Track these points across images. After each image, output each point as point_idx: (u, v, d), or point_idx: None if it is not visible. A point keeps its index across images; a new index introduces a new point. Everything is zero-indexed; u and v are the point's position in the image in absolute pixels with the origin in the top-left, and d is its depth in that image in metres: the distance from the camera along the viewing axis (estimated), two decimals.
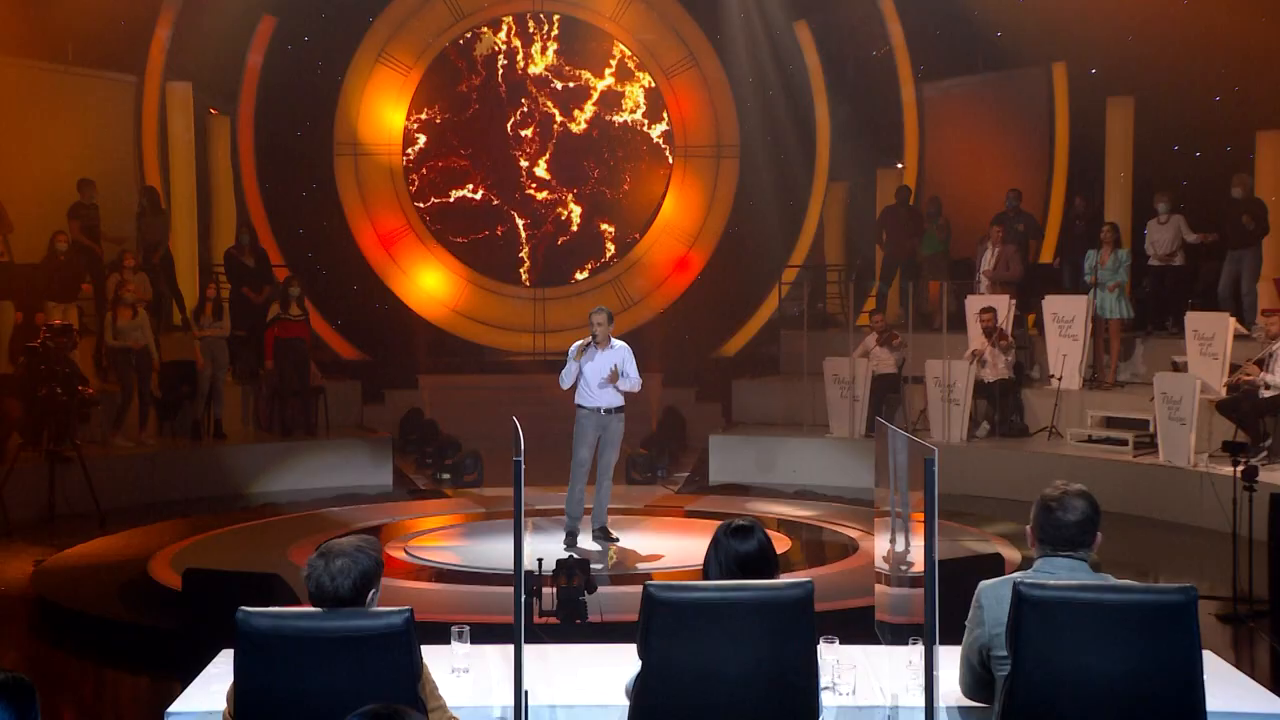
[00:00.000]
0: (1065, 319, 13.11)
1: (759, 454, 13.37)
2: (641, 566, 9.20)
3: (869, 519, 9.74)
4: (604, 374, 9.40)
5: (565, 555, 7.79)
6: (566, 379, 9.49)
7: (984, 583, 3.81)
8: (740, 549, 3.84)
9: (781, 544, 9.80)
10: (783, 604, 3.63)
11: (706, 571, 3.90)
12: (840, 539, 10.29)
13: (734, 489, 12.78)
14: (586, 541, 9.81)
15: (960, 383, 12.83)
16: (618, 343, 9.59)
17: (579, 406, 9.55)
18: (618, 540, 9.74)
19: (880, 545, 5.45)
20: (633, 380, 9.47)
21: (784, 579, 3.76)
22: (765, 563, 3.86)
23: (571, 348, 9.56)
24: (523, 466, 3.62)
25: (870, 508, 9.59)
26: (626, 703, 3.81)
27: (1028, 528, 3.80)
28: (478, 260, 17.32)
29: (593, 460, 9.55)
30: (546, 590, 6.89)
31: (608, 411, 9.50)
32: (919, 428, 13.17)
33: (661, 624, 3.59)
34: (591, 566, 7.32)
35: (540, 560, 6.11)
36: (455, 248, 17.17)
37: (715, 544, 3.90)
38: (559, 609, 6.83)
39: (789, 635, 3.62)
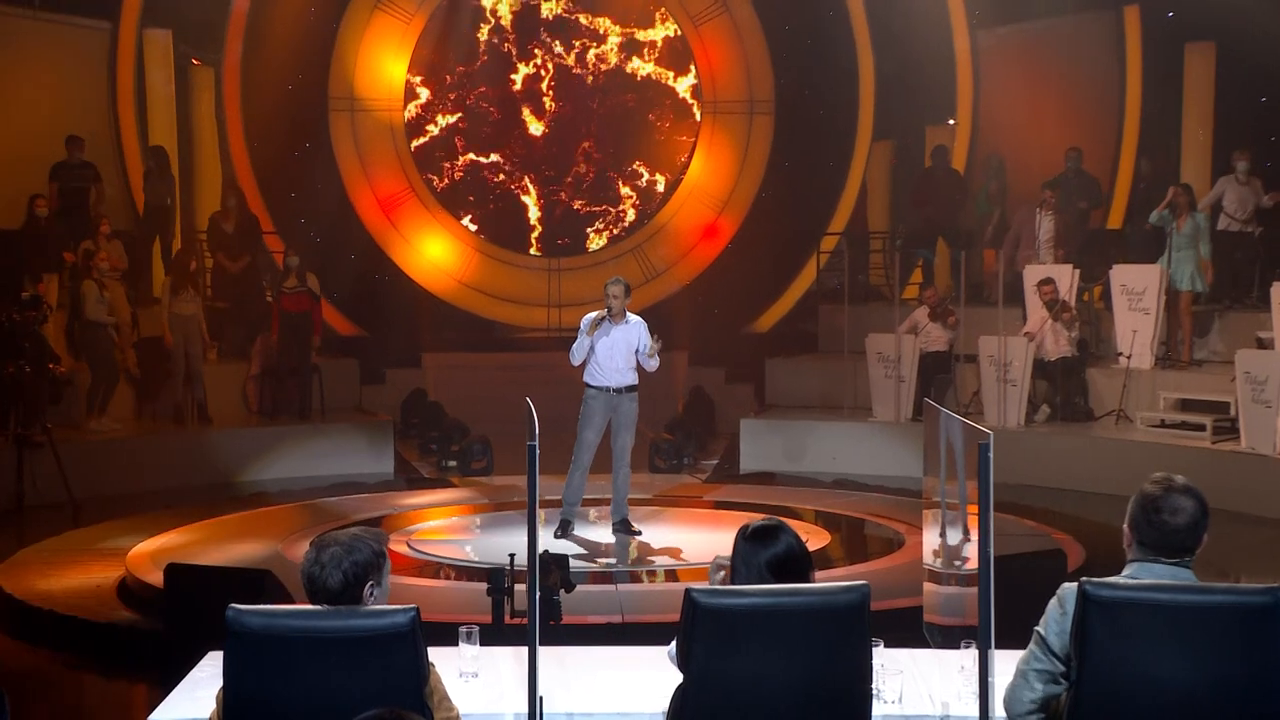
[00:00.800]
0: (1135, 291, 13.03)
1: (794, 440, 13.36)
2: (661, 563, 9.23)
3: (916, 511, 9.72)
4: (622, 352, 9.41)
5: (549, 548, 7.77)
6: (577, 355, 9.51)
7: (1067, 585, 3.70)
8: (768, 553, 3.82)
9: (819, 538, 9.80)
10: (837, 610, 3.62)
11: (734, 578, 3.88)
12: (884, 533, 10.29)
13: (767, 478, 12.79)
14: (593, 532, 9.87)
15: (1018, 361, 12.78)
16: (634, 317, 9.61)
17: (588, 385, 9.59)
18: (640, 534, 9.77)
19: (929, 540, 5.43)
20: (656, 361, 9.50)
21: (838, 581, 3.75)
22: (799, 563, 3.85)
23: (584, 320, 9.58)
24: (537, 452, 3.61)
25: (918, 499, 9.57)
26: (651, 708, 3.81)
27: (1124, 526, 3.61)
28: (487, 228, 17.31)
29: (599, 445, 9.59)
30: (520, 588, 6.90)
31: (619, 391, 9.52)
32: (972, 411, 13.13)
33: (706, 632, 3.58)
34: (573, 563, 7.31)
35: (512, 555, 6.14)
36: (462, 213, 17.18)
37: (737, 550, 3.88)
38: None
39: (843, 643, 3.61)
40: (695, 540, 9.84)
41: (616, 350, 9.47)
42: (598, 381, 9.54)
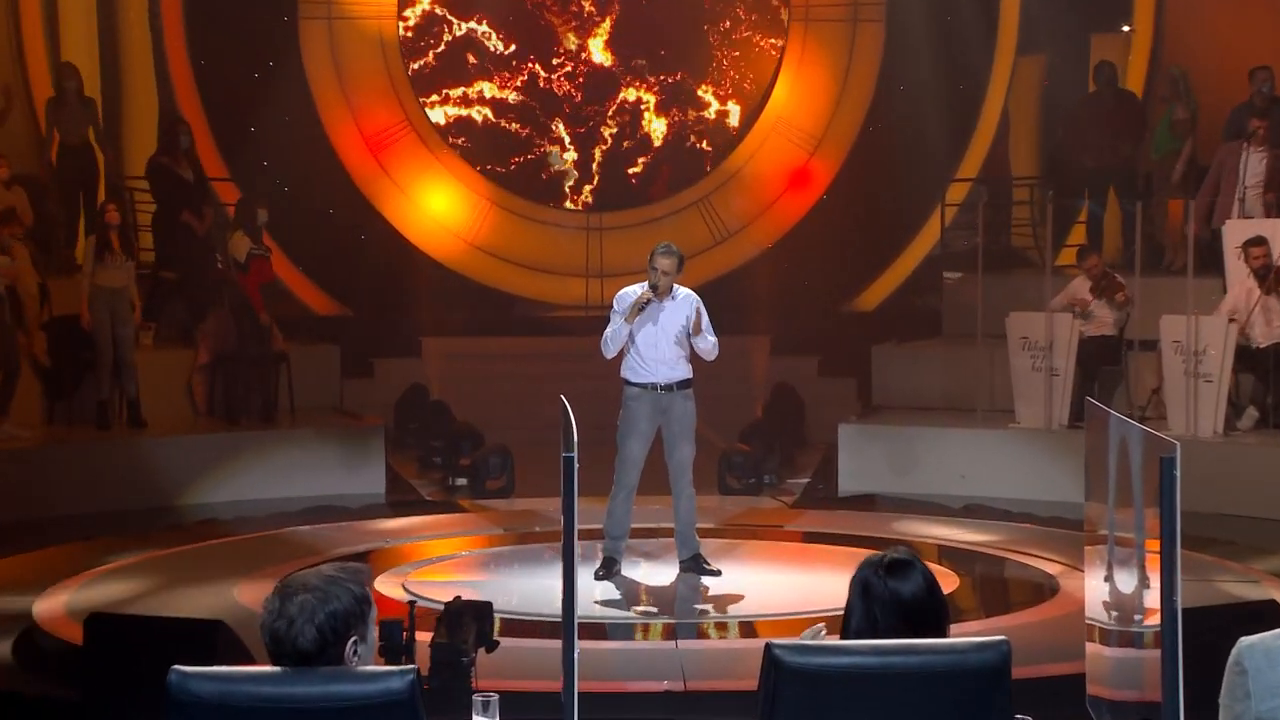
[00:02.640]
0: None
1: (910, 452, 13.31)
2: (734, 612, 9.24)
3: (1076, 547, 9.65)
4: (670, 337, 9.45)
5: (459, 598, 7.63)
6: (611, 344, 9.55)
7: (1246, 640, 3.72)
8: (901, 591, 3.81)
9: (947, 582, 9.76)
10: (967, 674, 3.58)
11: (848, 624, 3.87)
12: (1032, 576, 10.24)
13: (874, 502, 12.76)
14: (646, 571, 9.87)
15: (1214, 350, 12.66)
16: (682, 291, 9.64)
17: (626, 383, 9.65)
18: (719, 574, 9.81)
19: (1094, 586, 5.40)
20: (709, 341, 9.49)
21: (966, 636, 3.73)
22: (933, 610, 3.84)
23: (618, 297, 9.61)
24: (576, 466, 3.60)
25: (1077, 531, 9.51)
26: None
27: None
28: (507, 173, 17.35)
29: (646, 459, 9.63)
30: (424, 639, 6.88)
31: (668, 389, 9.55)
32: (1151, 415, 13.03)
33: (792, 702, 3.55)
34: (494, 614, 7.28)
35: (413, 603, 6.15)
36: (474, 154, 17.22)
37: (863, 586, 3.87)
38: (433, 673, 6.82)
39: (976, 718, 3.58)
40: (779, 584, 9.83)
41: (664, 335, 9.51)
42: (640, 377, 9.58)
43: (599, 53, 17.38)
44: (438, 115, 17.18)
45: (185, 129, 14.93)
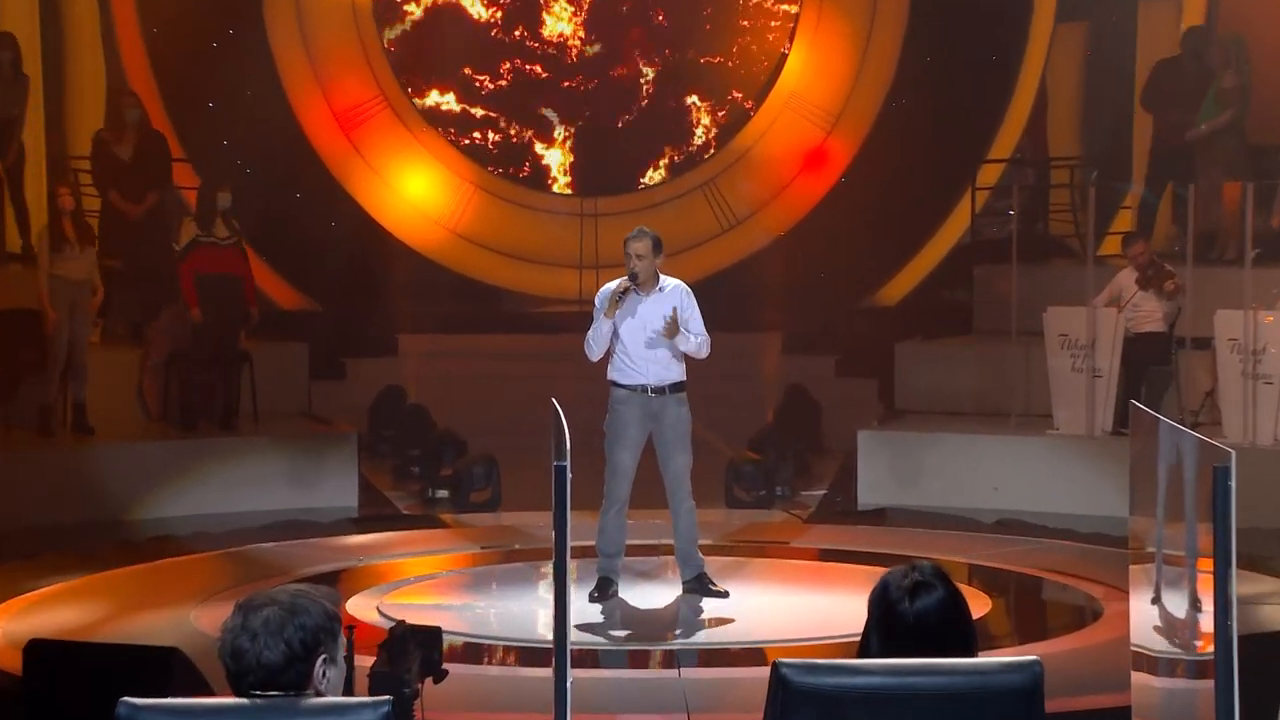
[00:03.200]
0: None
1: (937, 462, 13.29)
2: (740, 638, 9.23)
3: (1121, 566, 9.63)
4: (654, 328, 9.43)
5: (407, 624, 7.65)
6: (595, 344, 9.55)
7: None
8: (925, 613, 3.81)
9: (978, 604, 9.74)
10: (995, 698, 3.58)
11: (866, 647, 3.87)
12: (1072, 598, 10.24)
13: (898, 516, 12.75)
14: (646, 592, 9.86)
15: (1275, 348, 12.66)
16: (670, 281, 9.64)
17: (614, 385, 9.65)
18: (726, 595, 9.80)
19: (1141, 609, 5.39)
20: (697, 336, 9.48)
21: (995, 657, 3.73)
22: (956, 629, 3.83)
23: (599, 295, 9.61)
24: (569, 476, 3.59)
25: (1122, 549, 9.47)
26: None
27: None
28: (492, 153, 17.32)
29: (637, 469, 9.62)
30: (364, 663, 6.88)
31: (659, 391, 9.55)
32: (1205, 420, 13.03)
33: None
34: (442, 640, 7.30)
35: (351, 628, 6.14)
36: (458, 134, 17.20)
37: (883, 606, 3.87)
38: None
39: None
40: (791, 606, 9.83)
41: (652, 332, 9.49)
42: (628, 379, 9.59)
43: (590, 21, 17.34)
44: (420, 97, 17.15)
45: (132, 101, 14.90)
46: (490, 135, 17.36)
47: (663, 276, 9.61)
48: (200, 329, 13.77)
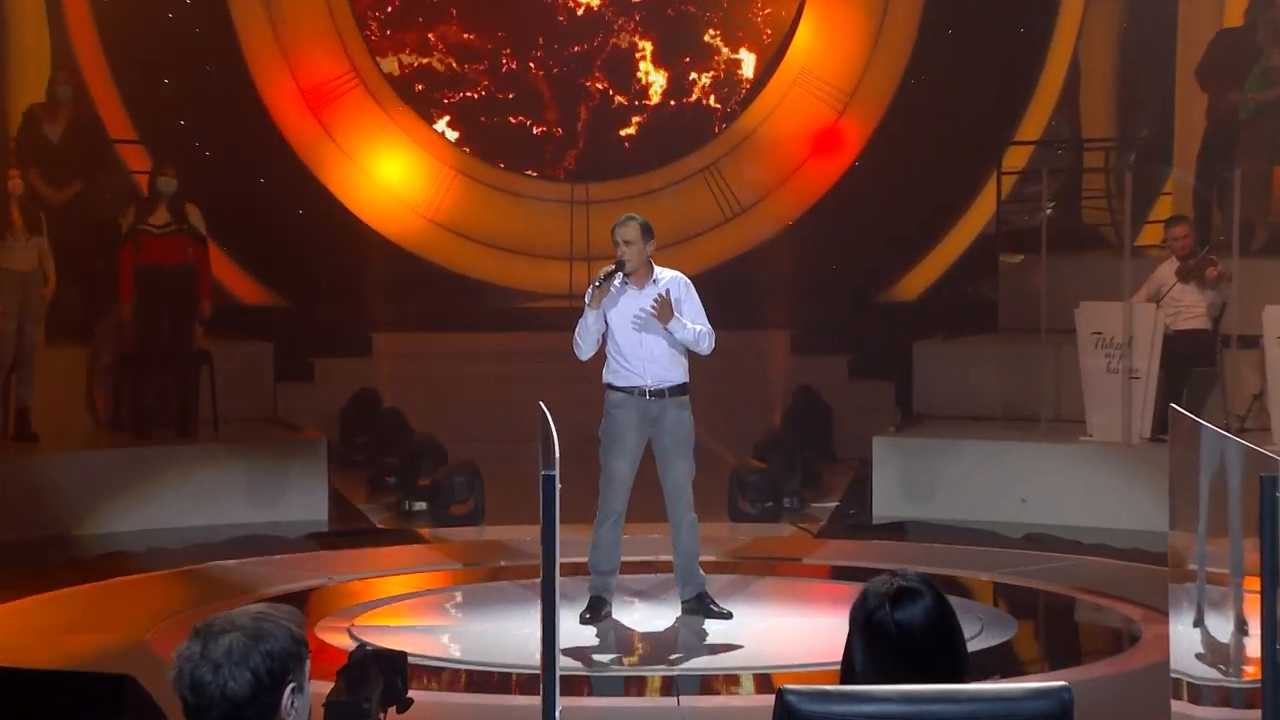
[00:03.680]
0: None
1: (959, 471, 13.30)
2: (744, 663, 9.21)
3: (1160, 585, 9.64)
4: (658, 330, 9.45)
5: (378, 650, 7.63)
6: (581, 342, 9.54)
7: None
8: (899, 617, 3.81)
9: (1003, 628, 9.77)
10: None
11: (849, 665, 3.88)
12: (1107, 620, 10.24)
13: (916, 530, 12.75)
14: (642, 613, 9.85)
15: None
16: (666, 273, 9.64)
17: (609, 388, 9.65)
18: (729, 616, 9.80)
19: (1182, 633, 5.39)
20: (695, 328, 9.48)
21: (1022, 683, 3.73)
22: (944, 640, 3.82)
23: (590, 288, 9.61)
24: (558, 487, 3.60)
25: (1162, 566, 9.50)
26: None
27: None
28: (475, 135, 17.32)
29: (635, 478, 9.63)
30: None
31: (658, 394, 9.55)
32: (1251, 426, 13.03)
33: None
34: (408, 665, 7.28)
35: (307, 650, 6.14)
36: (436, 113, 17.21)
37: (864, 620, 3.86)
38: None
39: None
40: (800, 629, 9.82)
41: (650, 327, 9.50)
42: (624, 381, 9.59)
43: None
44: (391, 65, 17.15)
45: (66, 76, 14.84)
46: (475, 112, 17.36)
47: (658, 268, 9.60)
48: (134, 325, 13.67)
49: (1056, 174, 16.18)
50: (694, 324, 9.47)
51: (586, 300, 9.51)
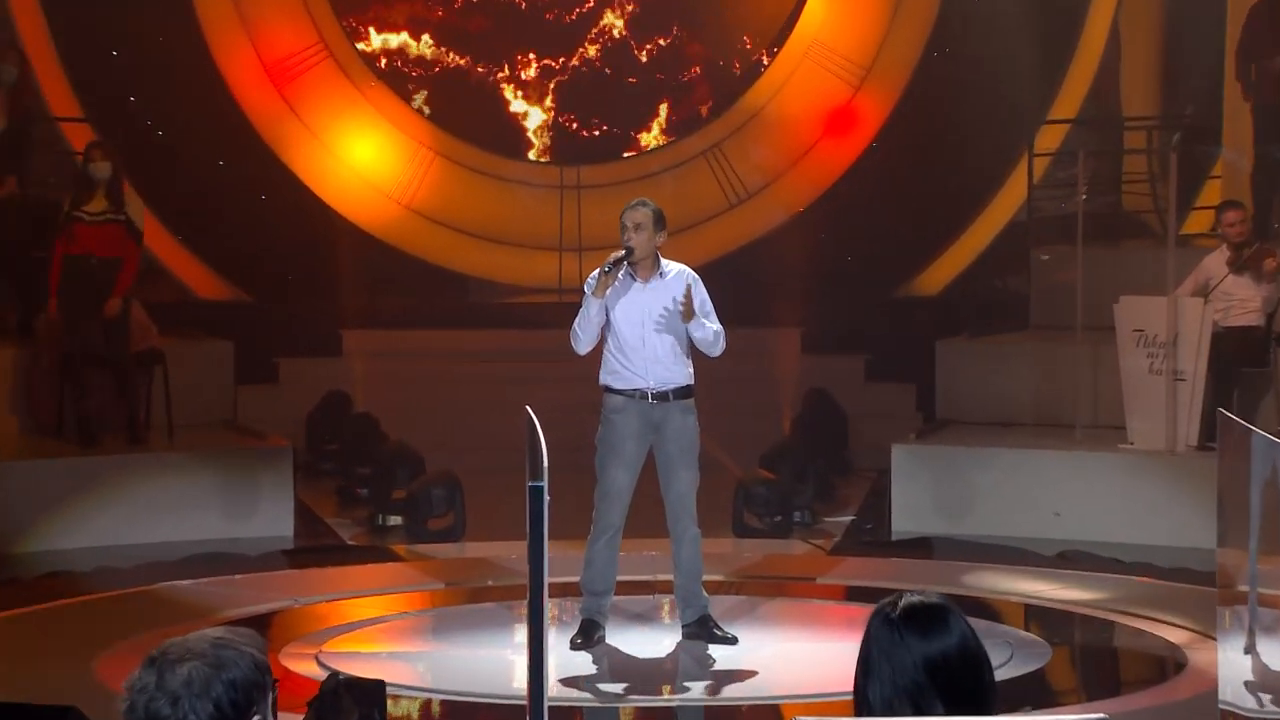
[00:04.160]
0: None
1: (986, 482, 13.29)
2: (751, 693, 9.21)
3: (1208, 607, 9.64)
4: (662, 328, 9.45)
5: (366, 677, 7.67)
6: (581, 335, 9.57)
7: None
8: (929, 649, 3.80)
9: (1037, 654, 9.74)
10: None
11: (864, 693, 3.87)
12: (1150, 646, 10.21)
13: (940, 547, 12.75)
14: (639, 639, 9.85)
15: None
16: (673, 266, 9.66)
17: (607, 391, 9.65)
18: (734, 641, 9.79)
19: (1231, 659, 5.39)
20: (714, 328, 9.50)
21: (1058, 715, 3.73)
22: (968, 672, 3.80)
23: (589, 279, 9.63)
24: (546, 500, 3.58)
25: (1210, 587, 9.50)
26: None
27: None
28: (454, 115, 17.32)
29: (634, 490, 9.63)
30: None
31: (661, 398, 9.56)
32: None
33: None
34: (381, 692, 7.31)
35: (275, 680, 6.17)
36: (412, 89, 17.20)
37: (879, 642, 3.85)
38: None
39: None
40: (811, 656, 9.83)
41: (653, 325, 9.50)
42: (625, 383, 9.58)
43: None
44: (364, 37, 17.14)
45: (13, 59, 14.78)
46: (453, 88, 17.36)
47: (665, 261, 9.61)
48: (60, 323, 13.59)
49: (1094, 156, 16.15)
50: (710, 327, 9.49)
51: (589, 290, 9.49)
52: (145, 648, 3.58)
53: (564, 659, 9.40)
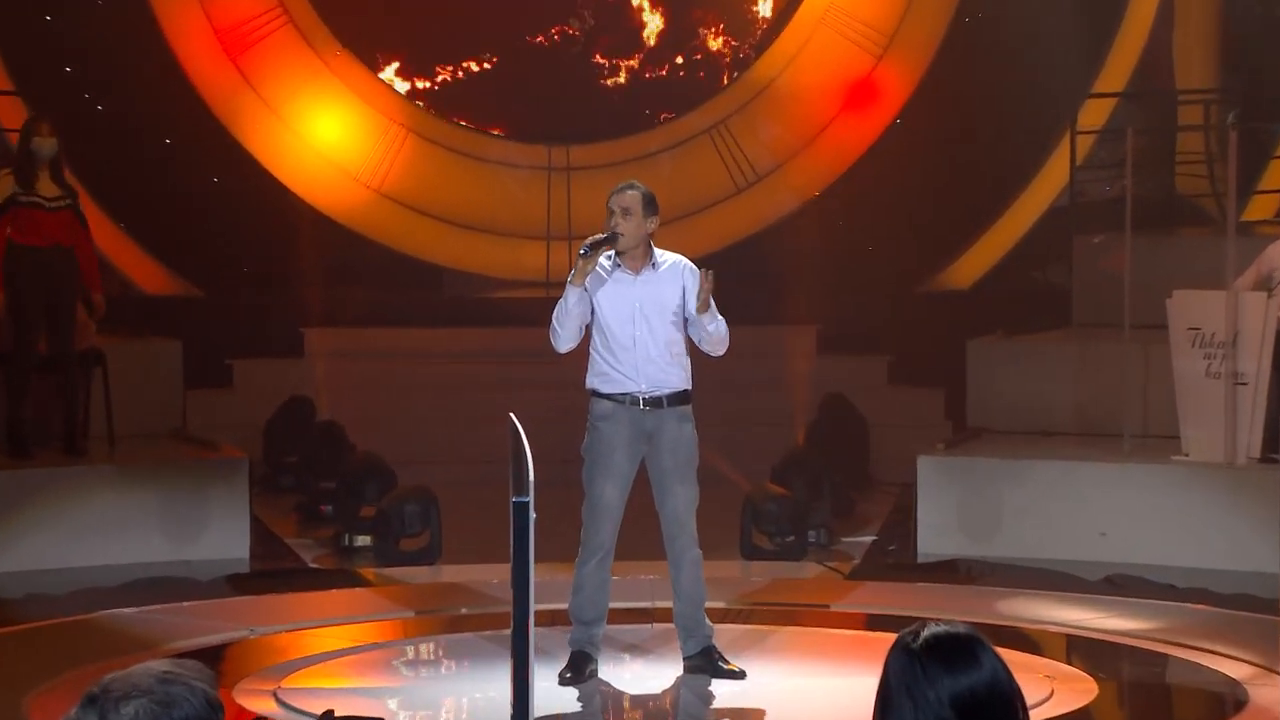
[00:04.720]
0: None
1: (1023, 498, 13.31)
2: None
3: (1271, 638, 9.65)
4: (655, 325, 9.46)
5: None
6: (560, 329, 9.53)
7: None
8: (958, 684, 3.79)
9: (1076, 689, 9.73)
10: None
11: None
12: (1208, 680, 10.18)
13: (971, 570, 12.76)
14: (633, 672, 9.86)
15: None
16: (668, 257, 9.66)
17: (594, 395, 9.63)
18: (742, 675, 9.78)
19: None
20: (718, 325, 9.53)
21: None
22: (1005, 714, 3.81)
23: (576, 260, 9.60)
24: (532, 516, 3.57)
25: (1273, 615, 9.52)
26: None
27: None
28: (430, 87, 17.34)
29: (624, 506, 9.62)
30: None
31: (655, 403, 9.55)
32: None
33: None
34: None
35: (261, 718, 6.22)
36: (381, 60, 17.25)
37: (902, 676, 3.84)
38: None
39: None
40: (826, 691, 9.83)
41: (645, 322, 9.51)
42: (614, 386, 9.57)
43: None
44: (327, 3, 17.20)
45: None
46: (430, 59, 17.41)
47: (658, 251, 9.59)
48: (13, 315, 13.60)
49: (1144, 134, 16.17)
50: (714, 325, 9.49)
51: (570, 282, 9.46)
52: (83, 684, 3.57)
53: (551, 695, 9.39)
